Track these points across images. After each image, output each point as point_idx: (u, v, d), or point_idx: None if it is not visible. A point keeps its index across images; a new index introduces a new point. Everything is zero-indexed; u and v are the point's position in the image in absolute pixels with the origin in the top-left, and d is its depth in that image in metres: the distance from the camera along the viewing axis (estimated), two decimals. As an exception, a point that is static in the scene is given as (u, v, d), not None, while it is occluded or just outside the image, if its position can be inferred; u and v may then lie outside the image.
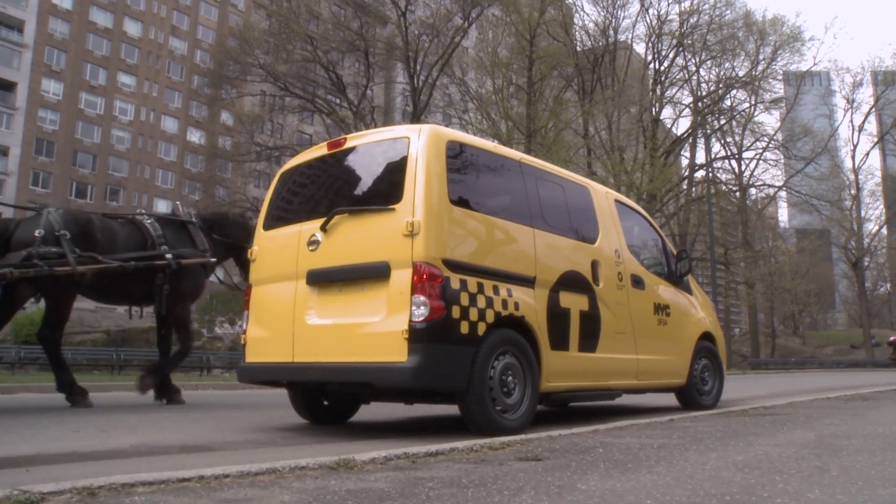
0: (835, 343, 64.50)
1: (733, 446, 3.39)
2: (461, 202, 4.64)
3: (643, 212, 7.16)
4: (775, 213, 59.86)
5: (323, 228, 4.78)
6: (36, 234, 6.44)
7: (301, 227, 4.97)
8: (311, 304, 4.79)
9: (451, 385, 4.42)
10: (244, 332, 5.31)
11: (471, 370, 4.44)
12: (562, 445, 3.61)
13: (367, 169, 4.98)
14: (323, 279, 4.75)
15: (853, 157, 48.99)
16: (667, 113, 41.00)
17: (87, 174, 55.64)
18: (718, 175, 40.83)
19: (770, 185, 43.59)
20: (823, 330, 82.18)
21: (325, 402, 5.71)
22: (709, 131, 37.96)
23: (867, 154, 52.11)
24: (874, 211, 52.18)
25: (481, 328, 4.51)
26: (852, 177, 49.05)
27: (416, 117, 35.94)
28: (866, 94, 50.24)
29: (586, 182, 6.31)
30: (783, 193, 45.43)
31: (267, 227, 5.38)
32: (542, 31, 33.72)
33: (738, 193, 43.38)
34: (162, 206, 55.29)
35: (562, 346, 5.23)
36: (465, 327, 4.42)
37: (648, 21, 37.90)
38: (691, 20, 37.12)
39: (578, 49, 37.84)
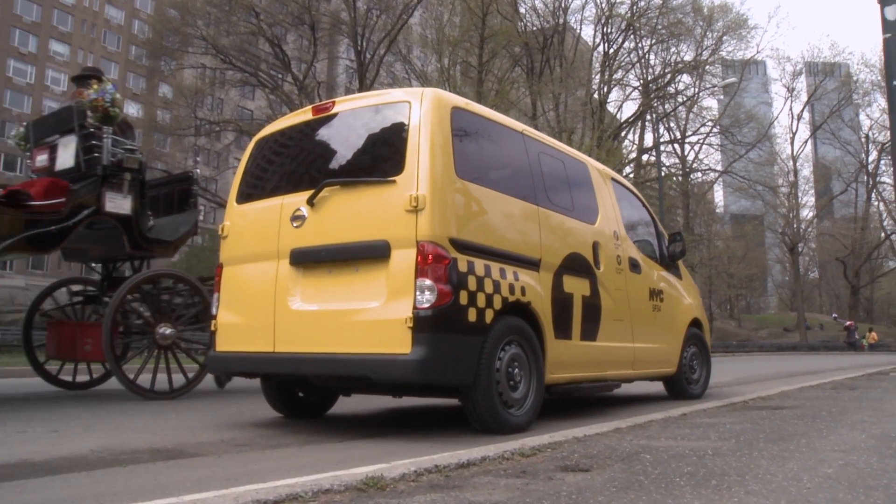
0: (768, 326, 66.25)
1: (797, 452, 3.01)
2: (466, 175, 4.16)
3: (636, 191, 6.79)
4: (712, 197, 60.88)
5: (310, 202, 4.23)
6: None
7: (283, 201, 4.41)
8: (294, 287, 4.25)
9: (457, 379, 3.96)
10: (214, 317, 4.74)
11: (478, 362, 3.99)
12: (598, 450, 3.18)
13: (360, 137, 4.42)
14: (309, 259, 4.21)
15: (792, 145, 49.99)
16: (615, 96, 41.05)
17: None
18: (663, 159, 41.10)
19: (713, 170, 44.14)
20: (757, 313, 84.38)
21: (301, 395, 5.19)
22: (656, 115, 38.07)
23: (805, 142, 53.16)
24: (811, 198, 53.57)
25: (489, 316, 4.06)
26: (791, 164, 50.09)
27: (362, 94, 34.89)
28: (805, 84, 51.14)
29: (584, 157, 5.88)
30: (721, 178, 46.08)
31: (241, 200, 4.79)
32: (493, 9, 33.18)
33: (680, 177, 43.79)
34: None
35: (565, 334, 4.83)
36: (472, 315, 3.96)
37: (598, 2, 37.67)
38: (641, 3, 37.06)
39: (528, 29, 37.43)
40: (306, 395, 5.20)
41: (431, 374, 3.79)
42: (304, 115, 4.73)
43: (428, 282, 3.77)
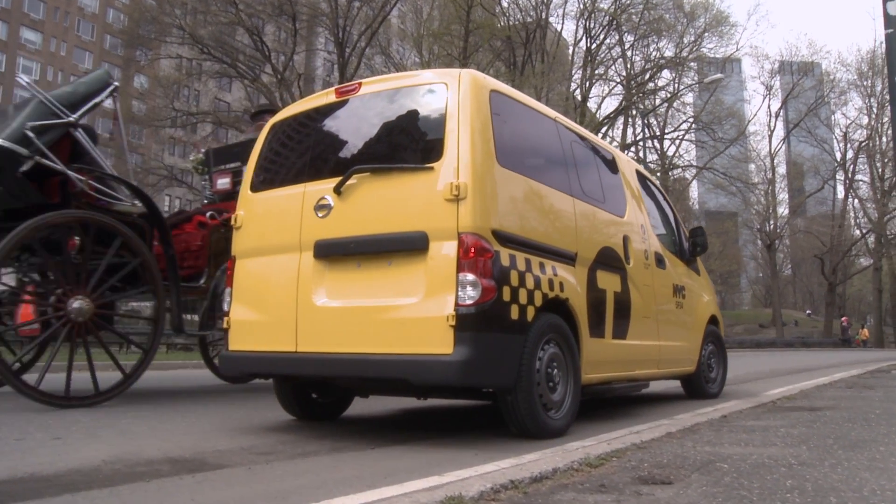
0: (744, 322, 66.78)
1: (891, 462, 2.77)
2: (506, 163, 3.87)
3: (657, 182, 6.56)
4: (688, 194, 61.10)
5: (336, 190, 3.92)
6: None
7: (305, 189, 4.09)
8: (319, 281, 3.93)
9: (499, 381, 3.68)
10: (226, 314, 4.41)
11: (519, 363, 3.72)
12: (667, 459, 2.93)
13: (390, 120, 4.10)
14: (337, 252, 3.90)
15: (770, 142, 50.26)
16: (597, 91, 40.93)
17: (-14, 136, 51.74)
18: (643, 155, 41.05)
19: (694, 166, 44.23)
20: (731, 309, 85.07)
21: (314, 396, 4.87)
22: (637, 111, 38.03)
23: (783, 140, 53.40)
24: (787, 196, 53.94)
25: (530, 313, 3.79)
26: (768, 162, 50.36)
27: (343, 87, 34.33)
28: (783, 82, 51.36)
29: (610, 147, 5.65)
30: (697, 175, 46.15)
31: (255, 188, 4.46)
32: (477, 1, 32.92)
33: (660, 174, 43.81)
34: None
35: (599, 332, 4.58)
36: (515, 312, 3.68)
37: (581, -4, 37.35)
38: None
39: (510, 23, 37.18)
40: (320, 396, 4.89)
41: (474, 375, 3.51)
42: (325, 97, 4.40)
43: (471, 277, 3.49)
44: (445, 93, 3.83)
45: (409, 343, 3.56)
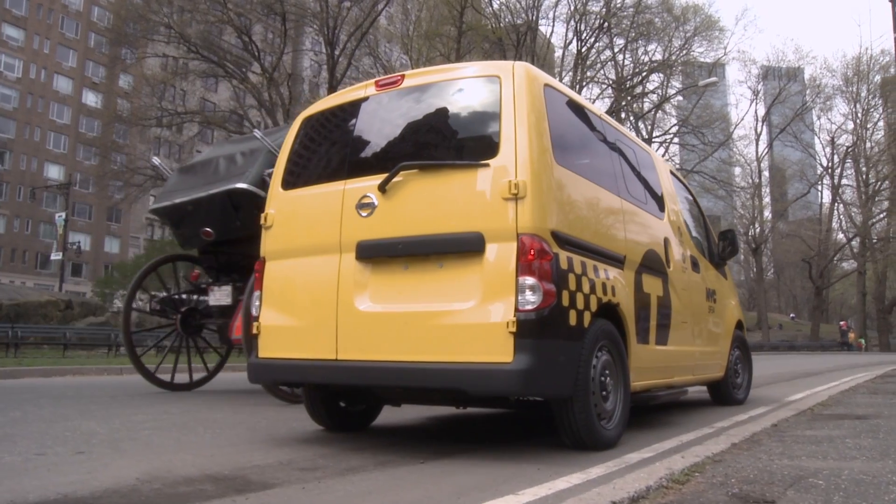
0: (728, 325, 66.78)
1: None
2: (561, 161, 3.67)
3: (688, 185, 6.38)
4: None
5: (381, 189, 3.69)
6: None
7: (345, 187, 3.86)
8: (362, 285, 3.70)
9: (557, 390, 3.47)
10: (255, 319, 4.16)
11: (577, 371, 3.52)
12: (752, 474, 2.75)
13: (437, 114, 3.87)
14: (382, 253, 3.67)
15: (756, 147, 50.46)
16: (586, 94, 40.86)
17: (-34, 134, 50.93)
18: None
19: (683, 169, 44.30)
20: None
21: (343, 405, 4.64)
22: (630, 113, 38.02)
23: (769, 145, 53.57)
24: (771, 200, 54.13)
25: (587, 319, 3.59)
26: (756, 166, 50.56)
27: (332, 88, 34.18)
28: (770, 87, 51.53)
29: (647, 146, 5.46)
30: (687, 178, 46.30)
31: (287, 185, 4.21)
32: (469, 2, 32.80)
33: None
34: (53, 172, 51.49)
35: (645, 338, 4.39)
36: (573, 318, 3.48)
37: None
38: (615, 1, 36.88)
39: (501, 25, 37.09)
40: (349, 405, 4.66)
41: (534, 385, 3.30)
42: (363, 89, 4.16)
43: (531, 280, 3.28)
44: (498, 86, 3.62)
45: (464, 351, 3.34)
